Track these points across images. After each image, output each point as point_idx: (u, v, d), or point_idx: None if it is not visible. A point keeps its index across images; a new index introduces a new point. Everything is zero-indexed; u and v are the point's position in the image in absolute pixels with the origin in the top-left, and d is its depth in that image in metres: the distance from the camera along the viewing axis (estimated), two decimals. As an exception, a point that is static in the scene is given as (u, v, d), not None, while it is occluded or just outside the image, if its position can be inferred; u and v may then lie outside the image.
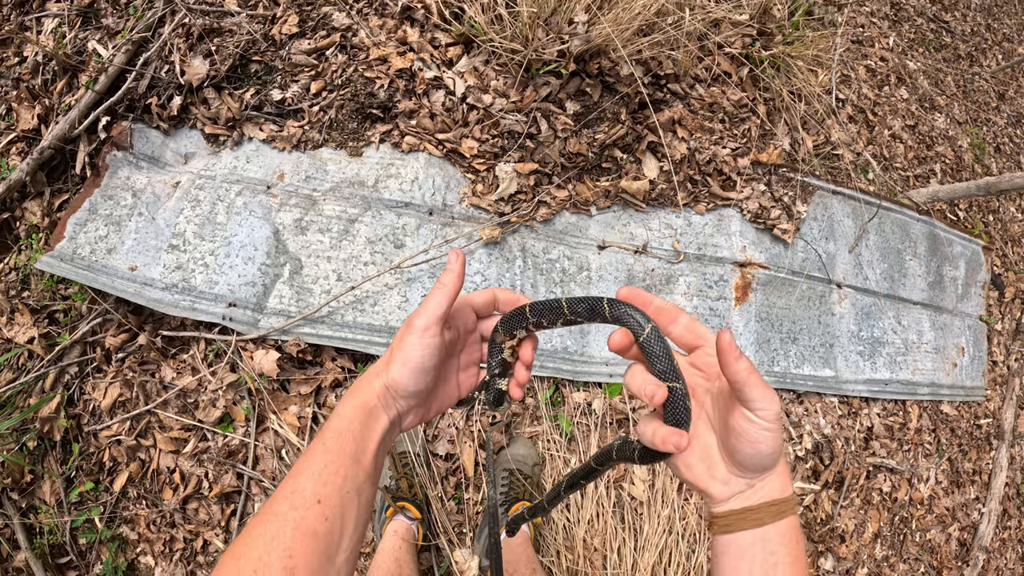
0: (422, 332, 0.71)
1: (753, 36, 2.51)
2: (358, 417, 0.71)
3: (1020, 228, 4.18)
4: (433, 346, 0.72)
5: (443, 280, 0.73)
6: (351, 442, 0.70)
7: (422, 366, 0.71)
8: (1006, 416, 3.54)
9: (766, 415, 0.65)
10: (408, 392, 0.73)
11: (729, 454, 0.69)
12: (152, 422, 1.94)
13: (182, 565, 1.90)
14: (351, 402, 0.73)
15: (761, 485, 0.69)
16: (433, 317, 0.71)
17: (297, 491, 0.65)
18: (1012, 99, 4.75)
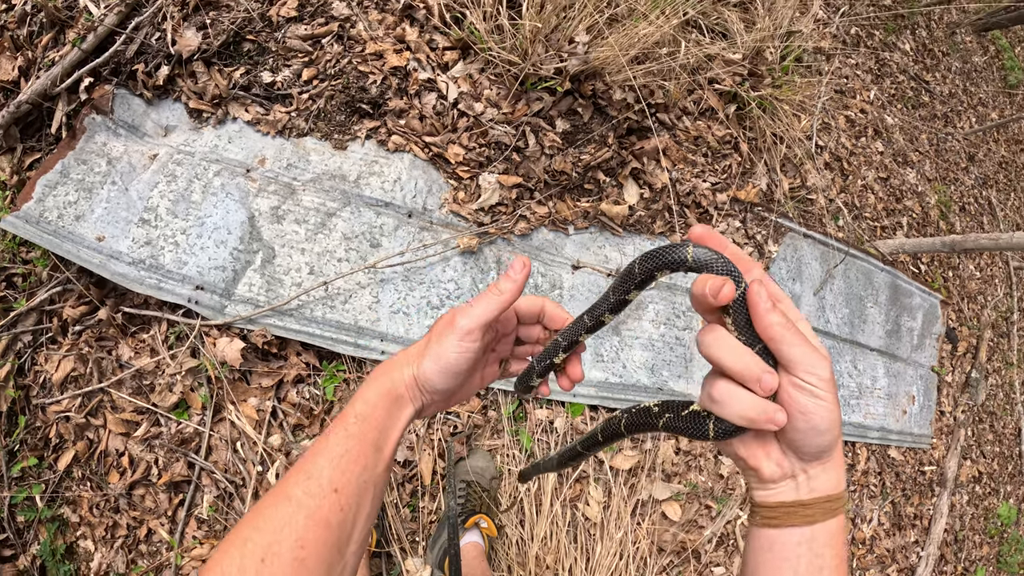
0: (463, 335, 0.67)
1: (744, 76, 2.57)
2: (383, 403, 0.68)
3: (977, 286, 4.34)
4: (471, 351, 0.68)
5: (500, 287, 0.68)
6: (374, 429, 0.67)
7: (456, 369, 0.68)
8: (950, 465, 3.66)
9: (813, 380, 0.54)
10: (436, 389, 0.70)
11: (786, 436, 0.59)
12: (104, 401, 1.88)
13: (123, 553, 1.84)
14: (376, 387, 0.69)
15: (815, 474, 0.60)
16: (479, 322, 0.67)
17: (313, 476, 0.62)
18: (981, 162, 4.94)
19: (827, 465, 0.59)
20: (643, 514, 2.25)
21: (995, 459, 4.29)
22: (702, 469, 2.43)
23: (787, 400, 0.56)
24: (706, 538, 2.37)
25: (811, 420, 0.55)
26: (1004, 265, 4.80)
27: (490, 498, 1.98)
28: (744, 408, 0.56)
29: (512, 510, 2.06)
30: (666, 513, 2.32)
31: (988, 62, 5.69)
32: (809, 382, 0.54)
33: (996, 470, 4.28)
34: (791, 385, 0.55)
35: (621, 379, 2.23)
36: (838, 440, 0.58)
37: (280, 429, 1.93)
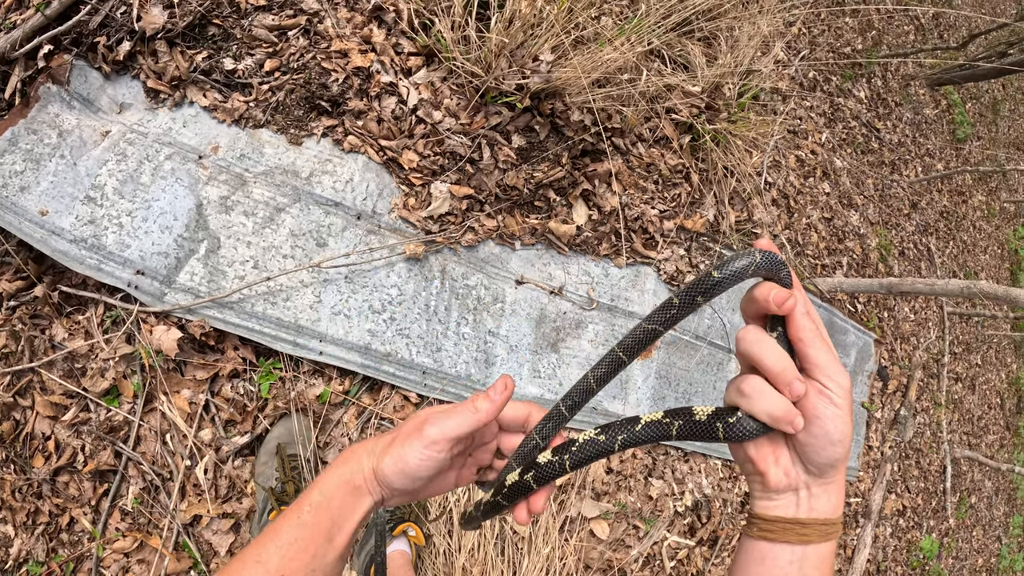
0: (429, 443, 0.66)
1: (701, 108, 2.66)
2: (340, 494, 0.67)
3: (911, 328, 4.54)
4: (435, 460, 0.66)
5: (478, 405, 0.66)
6: (328, 519, 0.66)
7: (417, 475, 0.67)
8: (875, 498, 3.81)
9: (833, 386, 0.57)
10: (395, 487, 0.68)
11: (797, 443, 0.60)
12: (34, 381, 1.82)
13: (44, 540, 1.78)
14: (336, 476, 0.68)
15: (817, 493, 0.61)
16: (447, 435, 0.66)
17: (261, 562, 0.62)
18: (923, 209, 5.18)
19: (829, 487, 0.61)
20: (571, 531, 2.29)
21: (919, 494, 4.47)
22: (632, 489, 2.48)
23: (806, 404, 0.58)
24: (632, 558, 2.42)
25: (826, 427, 0.57)
26: (938, 310, 5.03)
27: (419, 506, 1.99)
28: (772, 406, 0.57)
29: (441, 520, 2.07)
30: (594, 531, 2.36)
31: (939, 115, 5.97)
32: (829, 388, 0.57)
33: (920, 505, 4.46)
34: (812, 390, 0.58)
35: (557, 396, 2.27)
36: (845, 459, 0.60)
37: (212, 424, 1.90)
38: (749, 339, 0.60)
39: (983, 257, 6.29)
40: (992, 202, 6.89)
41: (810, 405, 0.58)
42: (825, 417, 0.57)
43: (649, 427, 0.65)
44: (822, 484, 0.61)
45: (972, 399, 5.58)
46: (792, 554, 0.61)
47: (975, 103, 7.04)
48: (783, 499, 0.62)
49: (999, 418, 6.20)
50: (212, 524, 1.87)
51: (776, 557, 0.62)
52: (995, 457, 5.92)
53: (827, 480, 0.61)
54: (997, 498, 6.03)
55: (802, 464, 0.61)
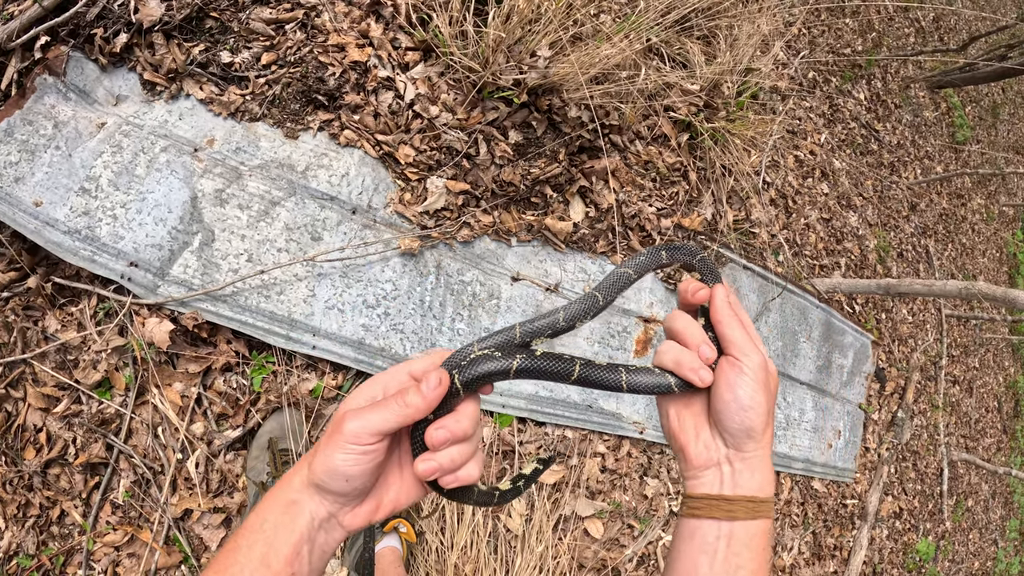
0: (350, 438, 0.61)
1: (699, 107, 2.65)
2: (273, 515, 0.63)
3: (909, 329, 4.53)
4: (362, 458, 0.62)
5: (408, 399, 0.62)
6: (260, 543, 0.62)
7: (345, 473, 0.62)
8: (871, 499, 3.80)
9: (743, 359, 0.66)
10: (332, 491, 0.64)
11: (713, 410, 0.68)
12: (26, 373, 1.81)
13: (34, 533, 1.77)
14: (272, 496, 0.65)
15: (740, 469, 0.66)
16: (371, 430, 0.61)
17: None
18: (922, 211, 5.18)
19: (752, 463, 0.67)
20: (565, 529, 2.28)
21: (916, 496, 4.47)
22: (627, 488, 2.47)
23: (719, 375, 0.67)
24: (627, 557, 2.41)
25: (735, 392, 0.65)
26: (936, 311, 5.02)
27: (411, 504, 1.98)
28: (679, 356, 0.68)
29: (433, 517, 2.06)
30: (588, 530, 2.35)
31: (938, 118, 5.97)
32: (740, 359, 0.66)
33: (916, 507, 4.46)
34: (725, 361, 0.67)
35: (552, 393, 2.26)
36: (764, 433, 0.66)
37: (204, 417, 1.89)
38: (670, 317, 0.73)
39: (981, 260, 6.29)
40: (991, 205, 6.89)
41: (723, 374, 0.67)
42: (736, 384, 0.65)
43: (548, 359, 0.69)
44: (743, 459, 0.67)
45: (969, 402, 5.57)
46: (719, 530, 0.65)
47: (975, 106, 7.05)
48: (707, 476, 0.68)
49: (996, 421, 6.20)
50: (203, 518, 1.86)
51: (704, 533, 0.66)
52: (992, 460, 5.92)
53: (746, 454, 0.67)
54: (994, 501, 6.03)
55: (720, 437, 0.68)
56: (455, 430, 0.64)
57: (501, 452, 2.19)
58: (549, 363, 0.68)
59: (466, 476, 0.66)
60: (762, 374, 0.66)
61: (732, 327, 0.68)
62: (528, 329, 0.71)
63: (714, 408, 0.68)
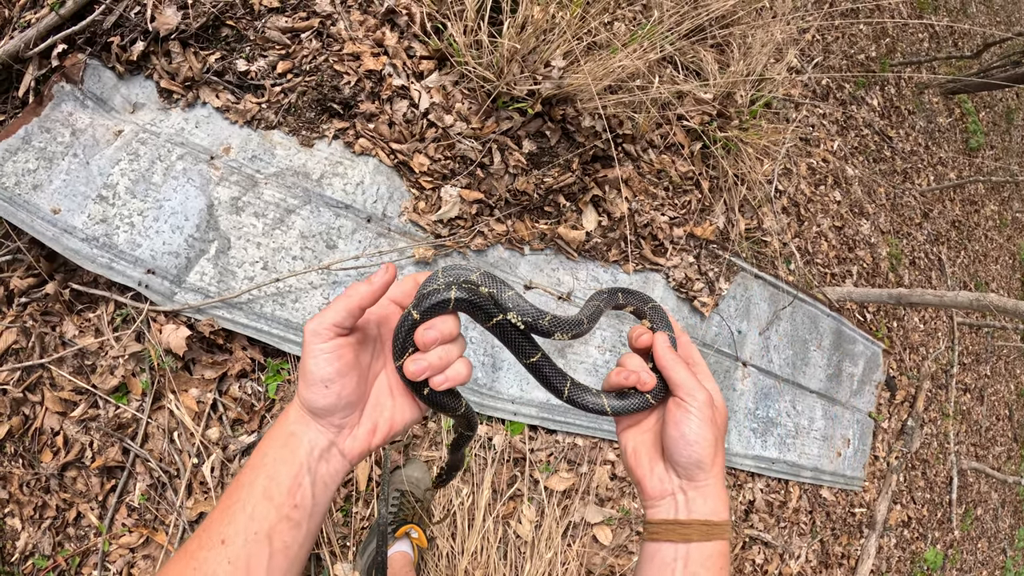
0: (312, 337, 0.64)
1: (712, 116, 2.65)
2: (272, 446, 0.65)
3: (920, 338, 4.51)
4: (325, 353, 0.64)
5: (354, 288, 0.65)
6: (262, 476, 0.63)
7: (323, 377, 0.64)
8: (880, 508, 3.79)
9: (689, 399, 0.71)
10: (318, 408, 0.65)
11: (664, 447, 0.73)
12: (44, 378, 1.84)
13: (50, 534, 1.79)
14: (271, 431, 0.67)
15: (693, 497, 0.71)
16: (326, 322, 0.64)
17: (208, 528, 0.61)
18: (935, 219, 5.14)
19: (704, 491, 0.72)
20: (574, 536, 2.29)
21: (925, 505, 4.44)
22: (635, 496, 2.48)
23: (667, 414, 0.73)
24: (634, 564, 2.42)
25: (681, 428, 0.70)
26: (948, 320, 4.99)
27: (423, 509, 1.99)
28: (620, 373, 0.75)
29: (444, 522, 2.07)
30: (597, 537, 2.36)
31: (952, 124, 5.93)
32: (685, 400, 0.71)
33: (925, 516, 4.44)
34: (672, 403, 0.72)
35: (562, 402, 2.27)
36: (713, 465, 0.71)
37: (219, 423, 1.91)
38: (621, 357, 0.80)
39: (994, 268, 6.24)
40: (1004, 212, 6.84)
41: (670, 414, 0.72)
42: (682, 422, 0.70)
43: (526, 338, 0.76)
44: (695, 488, 0.72)
45: (980, 410, 5.53)
46: (676, 551, 0.70)
47: (988, 112, 6.99)
48: (664, 504, 0.73)
49: (1007, 430, 6.15)
50: (218, 522, 1.88)
51: (664, 555, 0.71)
52: (1002, 469, 5.87)
53: (698, 483, 0.72)
54: (1003, 510, 5.98)
55: (673, 469, 0.73)
56: (443, 329, 0.67)
57: (512, 459, 2.21)
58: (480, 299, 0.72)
59: (455, 375, 0.68)
60: (708, 411, 0.71)
61: (675, 370, 0.73)
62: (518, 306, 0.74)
63: (665, 445, 0.73)
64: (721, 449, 0.73)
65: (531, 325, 0.73)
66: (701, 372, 0.77)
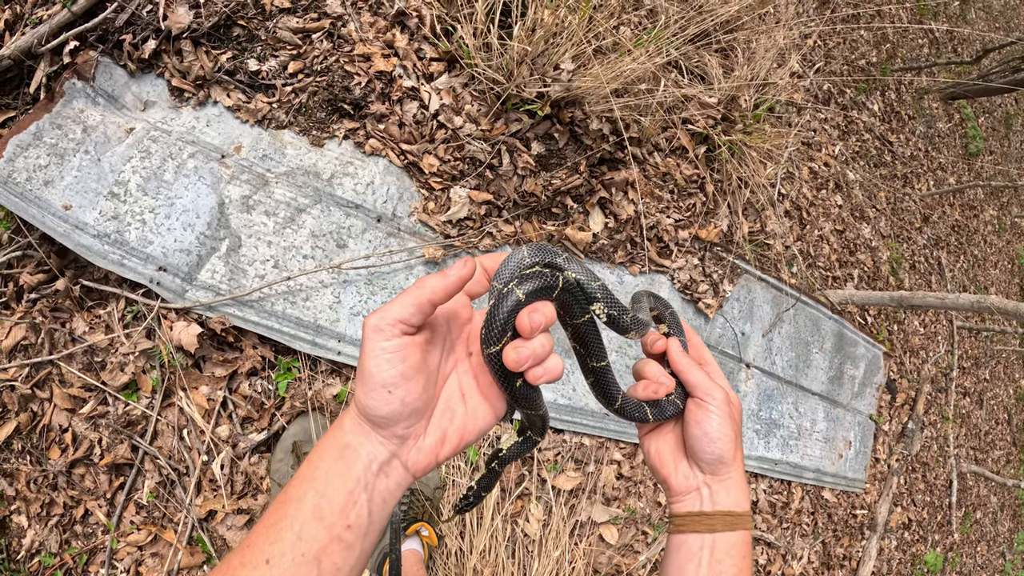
0: (373, 334, 0.56)
1: (717, 119, 2.67)
2: (325, 458, 0.58)
3: (920, 341, 4.53)
4: (388, 353, 0.56)
5: (423, 281, 0.57)
6: (311, 492, 0.56)
7: (383, 381, 0.56)
8: (881, 510, 3.80)
9: (707, 399, 0.75)
10: (379, 417, 0.57)
11: (687, 446, 0.78)
12: (53, 374, 1.84)
13: (57, 532, 1.79)
14: (324, 441, 0.60)
15: (717, 490, 0.75)
16: (390, 317, 0.56)
17: (252, 544, 0.55)
18: (935, 223, 5.17)
19: (727, 484, 0.76)
20: (581, 535, 2.30)
21: (925, 508, 4.46)
22: (641, 495, 2.49)
23: (688, 414, 0.77)
24: (640, 563, 2.43)
25: (703, 427, 0.74)
26: (948, 323, 5.02)
27: (432, 507, 2.01)
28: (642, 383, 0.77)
29: (453, 521, 2.08)
30: (604, 536, 2.37)
31: (952, 129, 5.96)
32: (704, 400, 0.75)
33: (925, 518, 4.45)
34: (692, 403, 0.76)
35: (570, 401, 2.29)
36: (735, 459, 0.76)
37: (229, 420, 1.92)
38: (636, 366, 0.81)
39: (993, 272, 6.27)
40: (1003, 217, 6.88)
41: (691, 414, 0.76)
42: (703, 421, 0.74)
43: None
44: (719, 481, 0.76)
45: (980, 414, 5.56)
46: (702, 541, 0.73)
47: (988, 117, 7.03)
48: (689, 498, 0.76)
49: (1006, 433, 6.18)
50: (227, 519, 1.89)
51: (690, 545, 0.74)
52: (1001, 472, 5.90)
53: (721, 477, 0.76)
54: (1002, 514, 6.00)
55: (697, 467, 0.77)
56: (548, 314, 0.60)
57: (521, 459, 2.22)
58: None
59: (554, 368, 0.61)
60: (726, 407, 0.75)
61: (691, 372, 0.77)
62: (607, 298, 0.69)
63: (688, 443, 0.77)
64: (740, 443, 0.77)
65: (615, 319, 0.69)
66: (714, 371, 0.81)
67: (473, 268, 0.58)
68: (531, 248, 0.65)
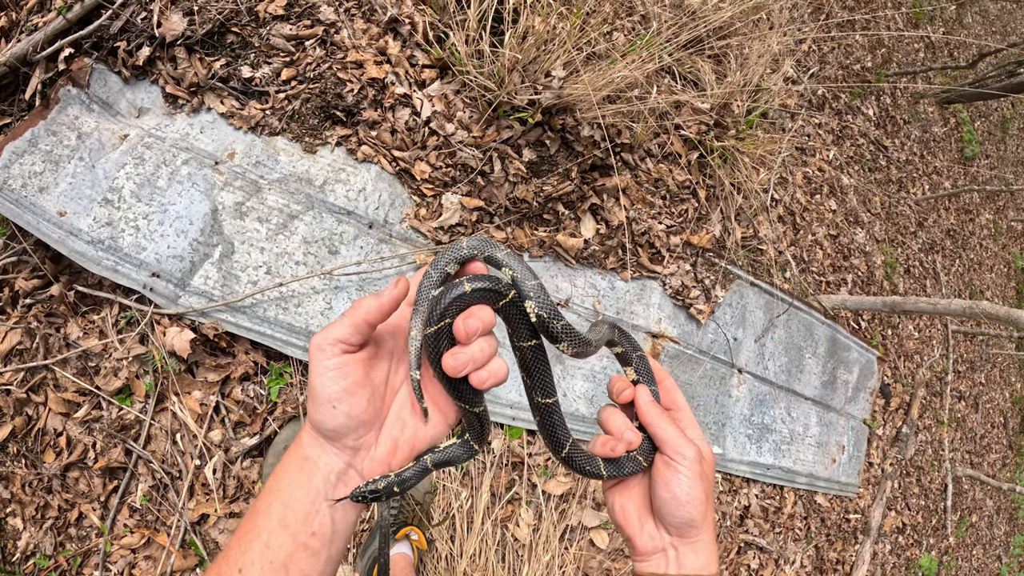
0: (316, 353, 0.60)
1: (709, 125, 2.69)
2: (287, 471, 0.62)
3: (915, 346, 4.54)
4: (330, 371, 0.60)
5: (359, 303, 0.60)
6: (277, 503, 0.60)
7: (331, 397, 0.60)
8: (874, 514, 3.81)
9: (678, 458, 0.68)
10: (328, 429, 0.61)
11: (654, 506, 0.71)
12: (48, 378, 1.86)
13: (52, 534, 1.81)
14: (286, 456, 0.64)
15: (685, 552, 0.69)
16: (330, 338, 0.60)
17: (226, 556, 0.59)
18: (930, 228, 5.19)
19: (696, 546, 0.70)
20: (571, 539, 2.31)
21: (919, 512, 4.47)
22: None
23: (656, 473, 0.70)
24: (630, 568, 2.44)
25: (672, 490, 0.68)
26: (942, 328, 5.03)
27: (423, 511, 2.02)
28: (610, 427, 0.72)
29: (443, 525, 2.09)
30: (594, 541, 2.38)
31: (947, 133, 5.98)
32: (674, 459, 0.68)
33: (920, 523, 4.46)
34: (661, 461, 0.70)
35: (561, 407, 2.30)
36: (705, 521, 0.70)
37: (222, 425, 1.93)
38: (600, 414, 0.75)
39: (989, 276, 6.29)
40: (999, 221, 6.89)
41: (659, 473, 0.70)
42: (672, 483, 0.68)
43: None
44: (687, 543, 0.70)
45: (975, 418, 5.57)
46: None
47: (984, 121, 7.05)
48: (655, 559, 0.71)
49: (1002, 437, 6.19)
50: (219, 523, 1.90)
51: None
52: (997, 476, 5.91)
53: (691, 539, 0.70)
54: (998, 517, 6.01)
55: (664, 527, 0.71)
56: (484, 318, 0.61)
57: (511, 463, 2.23)
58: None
59: (498, 370, 0.62)
60: (696, 467, 0.69)
61: (661, 427, 0.70)
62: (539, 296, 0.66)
63: (655, 505, 0.71)
64: (711, 502, 0.71)
65: (544, 323, 0.65)
66: (685, 419, 0.75)
67: (406, 287, 0.62)
68: (472, 239, 0.67)
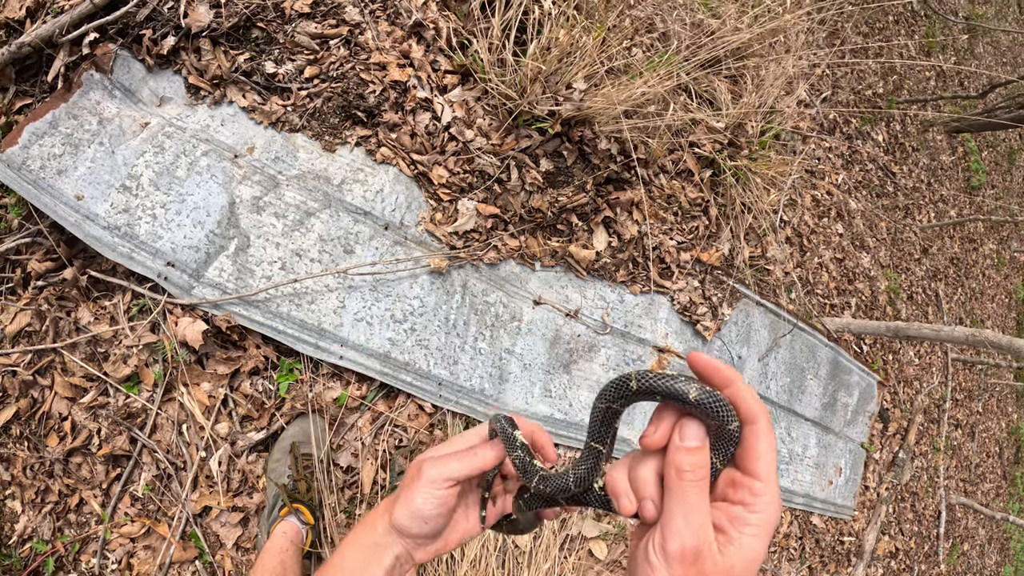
0: (428, 483, 0.70)
1: (723, 144, 2.71)
2: (356, 554, 0.72)
3: (915, 372, 4.56)
4: (438, 498, 0.70)
5: (479, 451, 0.72)
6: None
7: (425, 515, 0.71)
8: (868, 538, 3.82)
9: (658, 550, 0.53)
10: (412, 534, 0.72)
11: None
12: (55, 362, 1.86)
13: (51, 519, 1.80)
14: (353, 538, 0.74)
15: None
16: (447, 475, 0.70)
17: None
18: (934, 255, 5.21)
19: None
20: (571, 549, 2.32)
21: (913, 538, 4.47)
22: (631, 511, 2.51)
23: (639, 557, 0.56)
24: (627, 575, 2.44)
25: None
26: (943, 355, 5.05)
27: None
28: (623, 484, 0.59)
29: (484, 532, 2.10)
30: (593, 551, 2.38)
31: (955, 162, 6.01)
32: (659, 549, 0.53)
33: (913, 548, 4.47)
34: (649, 542, 0.55)
35: (566, 416, 2.31)
36: None
37: (229, 418, 1.94)
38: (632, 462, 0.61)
39: (990, 305, 6.31)
40: (1002, 251, 6.92)
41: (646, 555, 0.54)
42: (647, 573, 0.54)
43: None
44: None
45: (971, 446, 5.58)
46: None
47: (991, 152, 7.09)
48: None
49: (996, 467, 6.20)
50: (221, 516, 1.91)
51: None
52: (990, 505, 5.91)
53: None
54: (990, 547, 6.01)
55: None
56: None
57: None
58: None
59: None
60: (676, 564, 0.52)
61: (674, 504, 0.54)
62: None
63: None
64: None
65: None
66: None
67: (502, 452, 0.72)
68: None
